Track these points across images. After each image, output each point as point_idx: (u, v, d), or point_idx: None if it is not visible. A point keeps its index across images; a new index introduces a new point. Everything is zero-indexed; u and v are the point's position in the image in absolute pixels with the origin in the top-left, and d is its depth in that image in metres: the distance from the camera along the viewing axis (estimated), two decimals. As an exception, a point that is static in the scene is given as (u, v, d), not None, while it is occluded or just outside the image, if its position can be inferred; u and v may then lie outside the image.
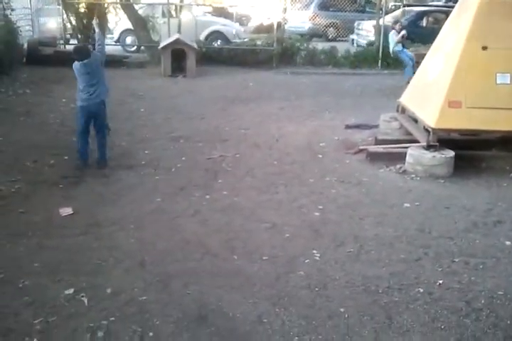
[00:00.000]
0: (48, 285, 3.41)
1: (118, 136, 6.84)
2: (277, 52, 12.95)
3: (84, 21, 13.98)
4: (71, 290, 3.33)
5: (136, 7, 14.46)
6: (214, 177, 5.48)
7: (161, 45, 11.80)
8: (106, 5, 14.37)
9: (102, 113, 5.69)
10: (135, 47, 15.06)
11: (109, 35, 15.59)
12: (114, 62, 12.24)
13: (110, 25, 15.86)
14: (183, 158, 6.06)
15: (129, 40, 15.55)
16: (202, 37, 14.91)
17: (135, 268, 3.64)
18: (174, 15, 14.60)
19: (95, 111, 5.60)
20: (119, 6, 14.52)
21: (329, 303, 3.28)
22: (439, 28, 6.97)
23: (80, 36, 14.32)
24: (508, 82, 5.76)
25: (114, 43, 15.28)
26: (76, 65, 5.54)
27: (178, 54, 11.45)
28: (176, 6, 14.79)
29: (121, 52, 14.56)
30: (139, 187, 5.17)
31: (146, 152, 6.27)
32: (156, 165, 5.80)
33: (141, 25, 13.60)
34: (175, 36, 11.99)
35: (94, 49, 5.97)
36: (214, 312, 3.17)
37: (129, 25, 14.26)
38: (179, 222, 4.40)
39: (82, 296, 3.28)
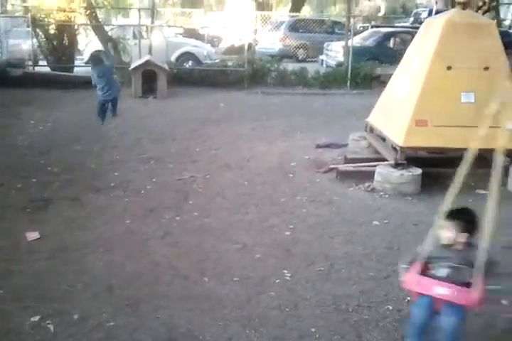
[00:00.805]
0: (13, 312, 3.32)
1: (87, 157, 6.81)
2: (248, 73, 13.09)
3: (55, 43, 13.95)
4: (37, 317, 3.25)
5: (107, 28, 14.49)
6: (184, 199, 5.46)
7: (132, 66, 11.82)
8: (76, 26, 14.37)
9: (114, 103, 8.22)
10: (106, 69, 15.02)
11: (79, 57, 15.56)
12: (85, 83, 12.22)
13: (80, 46, 15.84)
14: (154, 180, 6.04)
15: (99, 61, 15.52)
16: (173, 58, 15.01)
17: (103, 292, 3.58)
18: (145, 37, 14.68)
19: (111, 101, 8.22)
20: (89, 27, 14.54)
21: (300, 323, 3.27)
22: (406, 49, 7.16)
23: (49, 58, 14.27)
24: (473, 101, 5.92)
25: (84, 65, 15.24)
26: (92, 69, 7.66)
27: (148, 75, 11.47)
28: (146, 27, 14.88)
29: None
30: (108, 210, 5.12)
31: (116, 174, 6.23)
32: (126, 187, 5.75)
33: (111, 46, 13.61)
34: (146, 57, 12.04)
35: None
36: (184, 335, 3.13)
37: (100, 47, 14.27)
38: (149, 244, 4.36)
39: (48, 323, 3.20)
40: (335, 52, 16.29)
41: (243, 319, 3.30)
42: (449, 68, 5.98)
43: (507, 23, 24.14)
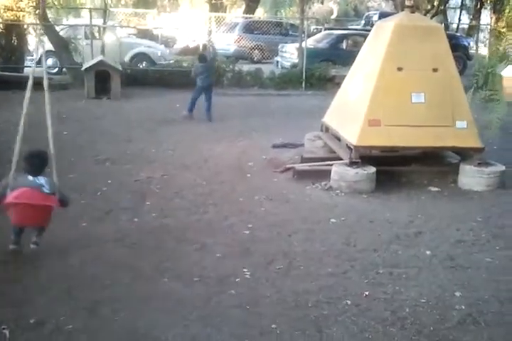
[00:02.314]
0: (-35, 318, 3.22)
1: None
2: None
3: (2, 42, 13.53)
4: (-9, 323, 3.16)
5: (58, 28, 14.16)
6: (142, 200, 5.41)
7: (85, 66, 11.60)
8: (26, 26, 13.99)
9: (208, 91, 9.71)
10: (57, 69, 14.69)
11: (29, 57, 15.13)
12: (35, 84, 11.89)
13: (30, 46, 15.41)
14: (109, 181, 5.95)
15: (50, 61, 15.16)
16: (126, 58, 14.80)
17: (61, 296, 3.51)
18: (97, 37, 14.42)
19: (206, 89, 9.71)
20: (39, 26, 14.16)
21: (261, 320, 3.30)
22: (359, 51, 7.31)
23: (-3, 57, 13.84)
24: (423, 101, 6.11)
25: (34, 65, 14.84)
26: (197, 65, 9.99)
27: (102, 76, 11.27)
28: (99, 27, 14.62)
29: (42, 74, 14.14)
30: (63, 213, 4.94)
31: (71, 176, 6.08)
32: (82, 189, 5.64)
33: (62, 46, 13.31)
34: (98, 58, 11.83)
35: None
36: (145, 337, 3.11)
37: (51, 47, 13.93)
38: (107, 247, 4.30)
39: (4, 328, 3.11)
40: (289, 54, 16.43)
41: (205, 318, 3.30)
42: (399, 69, 6.15)
43: (454, 26, 24.93)
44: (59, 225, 4.68)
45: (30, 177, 4.06)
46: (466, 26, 23.41)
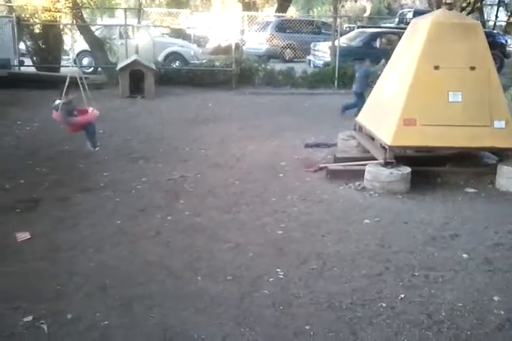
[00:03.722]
0: (4, 313, 3.29)
1: (75, 158, 6.76)
2: (236, 73, 13.08)
3: (40, 43, 13.83)
4: (30, 318, 3.22)
5: (93, 28, 14.39)
6: (175, 198, 5.44)
7: (119, 66, 11.75)
8: (62, 26, 14.26)
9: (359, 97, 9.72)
10: (92, 69, 14.94)
11: (65, 57, 15.44)
12: (71, 83, 12.10)
13: (66, 46, 15.71)
14: (143, 179, 6.01)
15: (85, 61, 15.43)
16: (160, 58, 14.94)
17: (96, 292, 3.56)
18: (132, 37, 14.60)
19: (359, 94, 9.80)
20: (75, 27, 14.42)
21: (294, 321, 3.28)
22: (392, 49, 7.21)
23: (35, 58, 14.14)
24: (460, 100, 5.98)
25: (70, 64, 15.12)
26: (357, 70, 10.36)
27: (136, 75, 11.42)
28: (133, 27, 14.81)
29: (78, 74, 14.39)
30: (98, 210, 5.08)
31: (105, 174, 6.19)
32: (116, 187, 5.72)
33: (98, 46, 13.53)
34: (133, 57, 11.97)
35: None
36: (179, 335, 3.13)
37: (86, 47, 14.17)
38: (141, 244, 4.34)
39: (42, 323, 3.18)
40: (322, 53, 16.35)
41: (237, 317, 3.30)
42: (436, 68, 6.03)
43: (491, 23, 24.39)
44: (94, 222, 4.78)
45: None
46: (503, 23, 22.86)
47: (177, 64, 15.14)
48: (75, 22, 13.46)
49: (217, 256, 4.15)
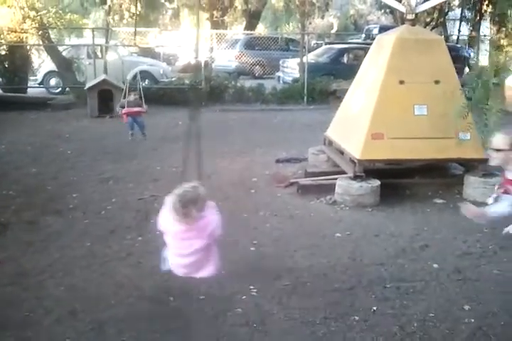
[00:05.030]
0: (-30, 342, 3.20)
1: (43, 180, 6.66)
2: (206, 91, 13.13)
3: (6, 64, 13.68)
4: (-4, 346, 3.14)
5: (60, 48, 14.32)
6: (146, 218, 5.38)
7: (87, 85, 11.69)
8: (28, 47, 14.15)
9: None
10: (60, 89, 14.82)
11: (32, 78, 15.29)
12: (39, 104, 12.00)
13: (34, 67, 15.58)
14: (113, 200, 5.94)
15: (53, 81, 15.31)
16: (129, 77, 14.89)
17: (66, 317, 3.49)
18: (100, 56, 14.56)
19: None
20: (42, 47, 14.33)
21: (268, 339, 3.27)
22: (359, 64, 7.34)
23: (1, 79, 13.97)
24: (425, 113, 6.11)
25: (37, 85, 15.00)
26: None
27: (104, 94, 11.36)
28: (101, 46, 14.77)
29: (45, 94, 14.28)
30: (67, 232, 5.00)
31: (74, 195, 6.10)
32: (85, 209, 5.64)
33: (65, 66, 13.45)
34: (101, 77, 11.93)
35: None
36: (151, 357, 3.08)
37: (53, 67, 14.07)
38: (111, 266, 4.28)
39: (8, 352, 3.10)
40: (291, 69, 16.54)
41: (211, 337, 3.28)
42: (401, 82, 6.17)
43: (454, 37, 25.06)
44: (63, 245, 4.70)
45: None
46: (466, 37, 23.52)
47: (146, 82, 15.12)
48: (41, 42, 13.39)
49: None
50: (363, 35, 26.41)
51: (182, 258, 3.42)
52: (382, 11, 29.18)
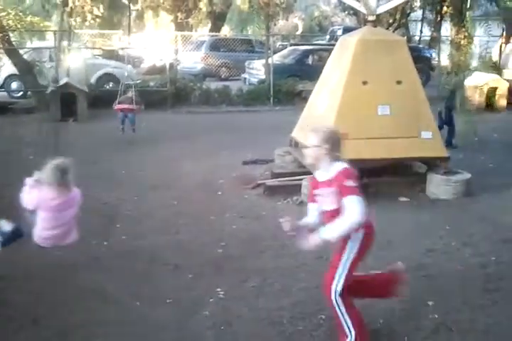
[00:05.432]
0: None
1: (3, 187, 6.48)
2: (171, 93, 13.05)
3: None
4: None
5: (22, 51, 14.00)
6: (111, 223, 5.33)
7: (49, 89, 11.47)
8: (-13, 50, 13.79)
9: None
10: (21, 93, 14.49)
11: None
12: None
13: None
14: (78, 204, 5.84)
15: (14, 85, 14.96)
16: (93, 80, 14.70)
17: (29, 325, 3.41)
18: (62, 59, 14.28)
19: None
20: (2, 50, 13.98)
21: (235, 340, 3.26)
22: (324, 65, 7.40)
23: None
24: (388, 113, 6.20)
25: (-2, 89, 14.66)
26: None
27: (67, 98, 11.17)
28: (64, 49, 14.50)
29: (6, 99, 13.97)
30: (30, 239, 4.88)
31: (38, 200, 5.96)
32: (49, 214, 5.53)
33: (27, 69, 13.15)
34: (64, 80, 11.72)
35: None
36: (117, 363, 3.04)
37: (14, 70, 13.75)
38: (77, 272, 4.21)
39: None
40: (256, 70, 16.58)
41: (179, 340, 3.25)
42: (364, 83, 6.24)
43: (416, 38, 25.54)
44: (26, 251, 4.58)
45: None
46: (427, 38, 24.01)
47: (110, 85, 14.93)
48: (1, 45, 13.07)
49: (156, 279, 4.08)
50: (328, 37, 26.68)
51: (53, 230, 3.57)
52: (346, 12, 29.55)
